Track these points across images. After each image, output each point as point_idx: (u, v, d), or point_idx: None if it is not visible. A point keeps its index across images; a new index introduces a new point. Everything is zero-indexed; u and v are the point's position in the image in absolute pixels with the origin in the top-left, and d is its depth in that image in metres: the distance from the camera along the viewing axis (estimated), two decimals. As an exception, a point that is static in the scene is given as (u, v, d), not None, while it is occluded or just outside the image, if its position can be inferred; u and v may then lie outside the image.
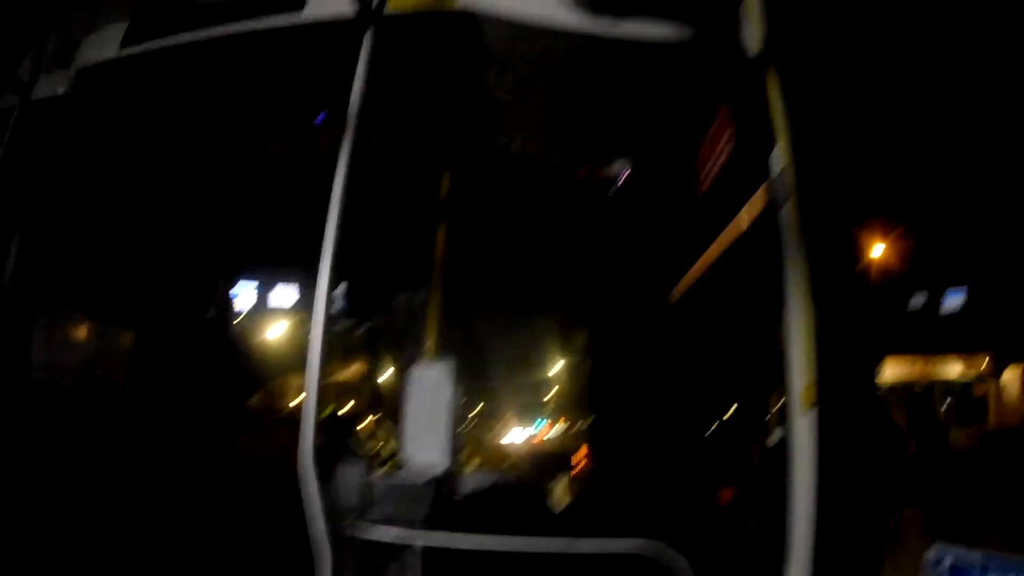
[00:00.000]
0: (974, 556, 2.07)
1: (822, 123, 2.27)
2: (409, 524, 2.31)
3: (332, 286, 2.39)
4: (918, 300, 17.64)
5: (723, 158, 2.57)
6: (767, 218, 2.17)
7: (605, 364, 4.42)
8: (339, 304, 3.61)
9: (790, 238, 2.09)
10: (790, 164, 2.13)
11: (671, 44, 2.30)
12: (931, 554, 2.17)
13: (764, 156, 2.20)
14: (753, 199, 2.30)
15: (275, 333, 6.23)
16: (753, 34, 2.25)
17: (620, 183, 3.15)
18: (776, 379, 2.16)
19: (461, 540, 2.25)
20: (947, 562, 2.12)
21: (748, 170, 2.28)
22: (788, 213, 2.11)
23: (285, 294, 5.81)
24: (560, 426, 11.33)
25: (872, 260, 14.92)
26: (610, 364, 4.18)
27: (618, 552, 2.16)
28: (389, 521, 2.31)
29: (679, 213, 3.17)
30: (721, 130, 2.59)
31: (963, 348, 17.54)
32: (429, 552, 2.23)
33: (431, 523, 2.34)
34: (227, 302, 4.70)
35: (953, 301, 17.64)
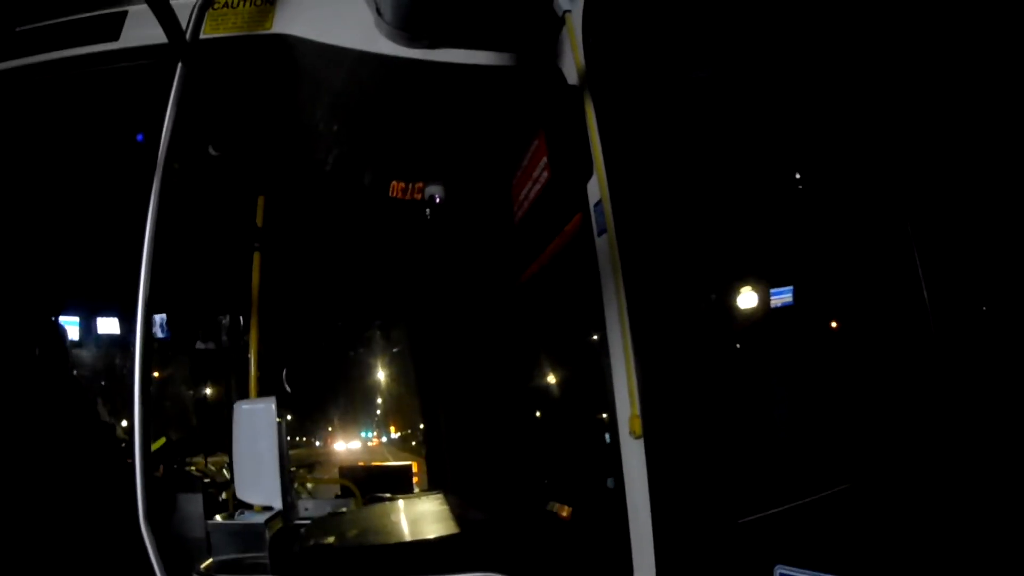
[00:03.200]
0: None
1: (642, 152, 2.26)
2: (252, 567, 2.26)
3: (149, 315, 2.35)
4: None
5: (539, 187, 2.59)
6: (584, 246, 2.17)
7: (428, 379, 4.42)
8: (162, 333, 3.33)
9: (607, 269, 2.08)
10: (607, 194, 2.11)
11: (488, 70, 2.30)
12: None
13: (581, 185, 2.19)
14: (569, 226, 2.31)
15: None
16: (571, 63, 2.25)
17: (437, 204, 3.13)
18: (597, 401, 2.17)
19: None
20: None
21: (565, 198, 2.28)
22: (605, 243, 2.08)
23: (106, 325, 5.34)
24: (391, 434, 11.79)
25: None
26: (433, 378, 4.20)
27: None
28: (233, 566, 2.26)
29: (498, 235, 3.18)
30: (537, 158, 2.60)
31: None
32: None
33: (274, 564, 2.28)
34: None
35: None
